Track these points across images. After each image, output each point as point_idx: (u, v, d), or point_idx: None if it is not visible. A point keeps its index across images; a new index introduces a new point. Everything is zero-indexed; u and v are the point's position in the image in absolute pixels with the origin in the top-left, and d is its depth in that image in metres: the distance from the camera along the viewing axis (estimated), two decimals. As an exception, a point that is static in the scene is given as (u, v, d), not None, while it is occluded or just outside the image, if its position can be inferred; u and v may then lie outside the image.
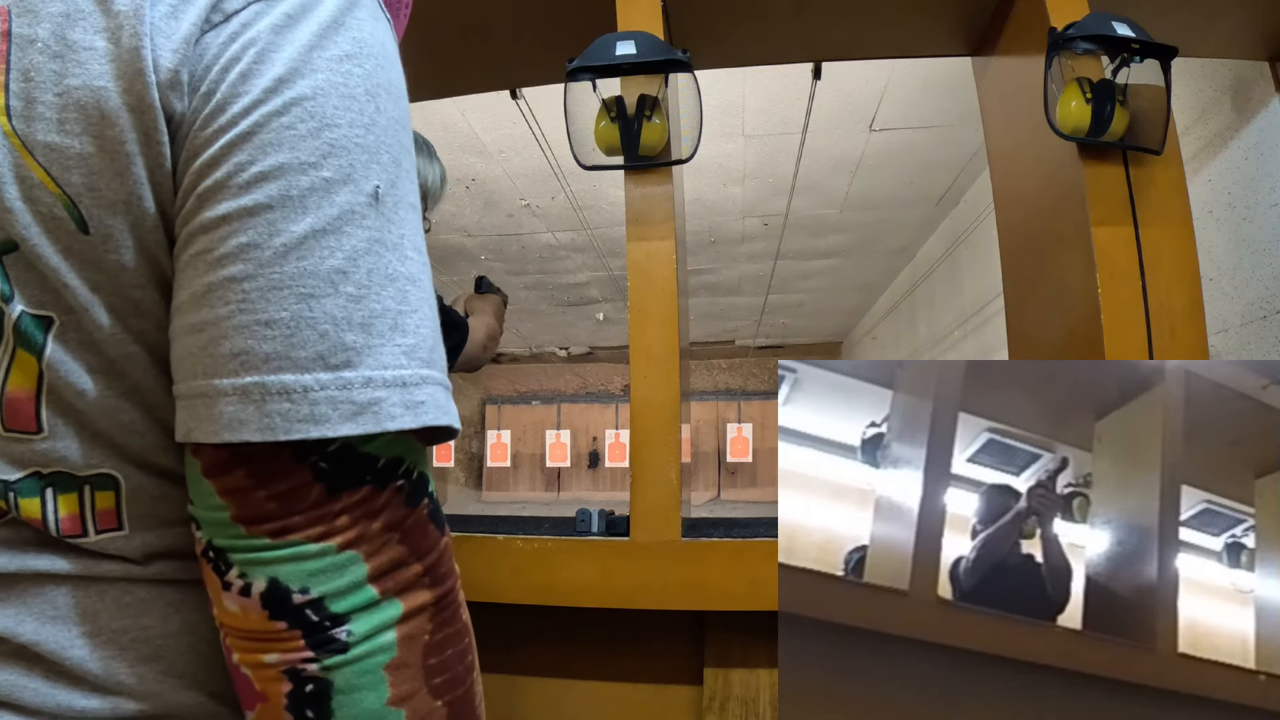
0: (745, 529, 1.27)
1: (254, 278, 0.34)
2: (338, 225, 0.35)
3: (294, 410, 0.34)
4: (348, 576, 0.36)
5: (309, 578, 0.36)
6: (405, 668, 0.37)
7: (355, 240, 0.36)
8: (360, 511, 0.37)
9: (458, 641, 0.41)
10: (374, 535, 0.37)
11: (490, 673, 1.31)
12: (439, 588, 0.40)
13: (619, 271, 5.57)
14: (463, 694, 0.40)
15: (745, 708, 1.20)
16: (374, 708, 0.37)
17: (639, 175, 1.28)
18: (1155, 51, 1.18)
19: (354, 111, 0.37)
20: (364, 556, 0.37)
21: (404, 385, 0.36)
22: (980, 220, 3.91)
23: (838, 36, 1.61)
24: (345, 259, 0.35)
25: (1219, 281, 2.00)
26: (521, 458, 9.35)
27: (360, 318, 0.35)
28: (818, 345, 8.92)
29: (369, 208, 0.36)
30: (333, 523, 0.36)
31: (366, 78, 0.38)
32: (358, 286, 0.35)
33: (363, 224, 0.36)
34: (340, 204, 0.35)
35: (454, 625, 0.41)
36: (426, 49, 1.62)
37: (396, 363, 0.36)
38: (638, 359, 1.22)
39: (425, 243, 0.41)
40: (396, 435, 0.38)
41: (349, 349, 0.35)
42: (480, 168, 3.75)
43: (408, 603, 0.38)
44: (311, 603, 0.36)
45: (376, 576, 0.37)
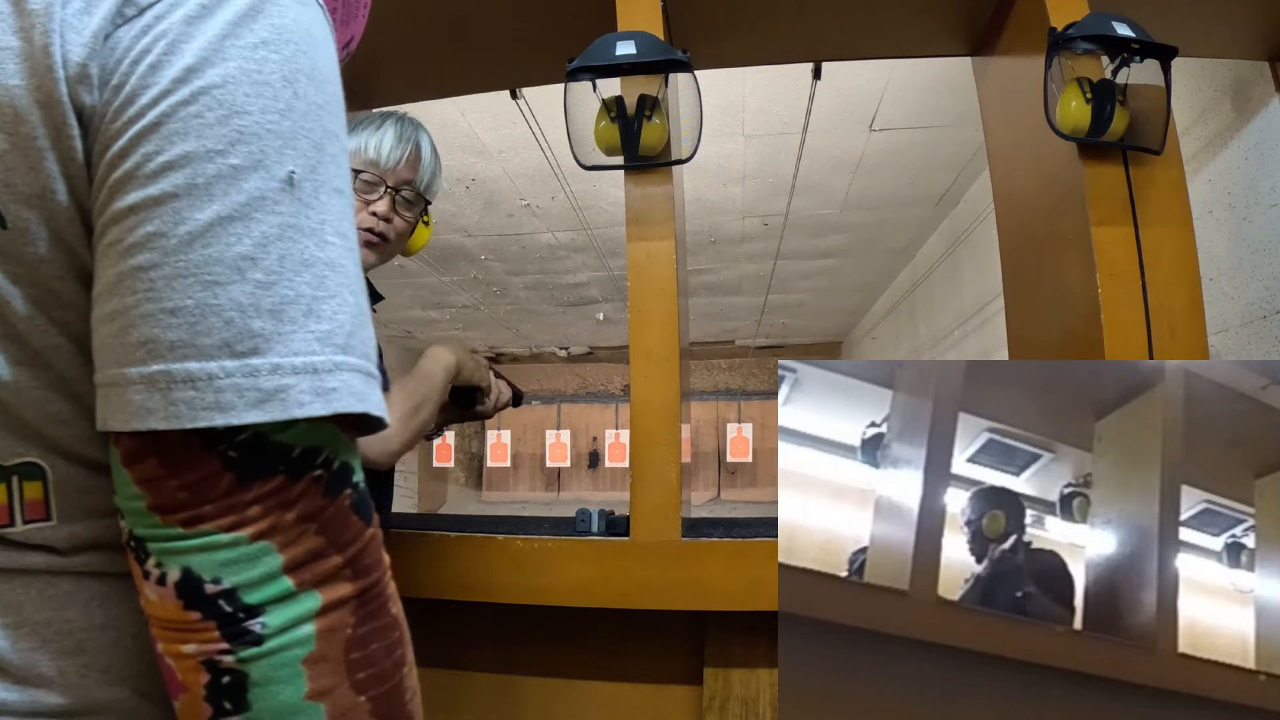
0: (745, 529, 1.27)
1: (159, 266, 0.34)
2: (246, 212, 0.35)
3: (199, 398, 0.34)
4: (261, 567, 0.36)
5: (221, 568, 0.36)
6: (324, 662, 0.37)
7: (265, 226, 0.35)
8: (273, 502, 0.36)
9: (384, 636, 0.40)
10: (288, 526, 0.37)
11: (490, 673, 1.31)
12: (362, 580, 0.40)
13: (619, 271, 5.57)
14: (389, 689, 0.40)
15: (745, 708, 1.20)
16: (291, 701, 0.36)
17: (639, 175, 1.28)
18: (1155, 51, 1.18)
19: (267, 98, 0.36)
20: (278, 547, 0.36)
21: (315, 372, 0.36)
22: (980, 220, 3.91)
23: (838, 36, 1.61)
24: (254, 245, 0.35)
25: (1219, 281, 2.00)
26: (521, 458, 9.35)
27: (270, 304, 0.35)
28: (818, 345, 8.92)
29: (282, 193, 0.36)
30: (244, 513, 0.36)
31: (284, 63, 0.37)
32: (267, 273, 0.35)
33: (274, 210, 0.36)
34: (249, 190, 0.35)
35: (380, 619, 0.40)
36: (427, 49, 1.62)
37: (308, 349, 0.36)
38: (638, 359, 1.22)
39: (353, 227, 0.41)
40: (312, 424, 0.37)
41: (256, 336, 0.35)
42: (480, 168, 3.75)
43: (327, 595, 0.38)
44: (224, 593, 0.36)
45: (292, 568, 0.37)
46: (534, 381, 9.76)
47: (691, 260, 5.28)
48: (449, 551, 1.22)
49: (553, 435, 9.25)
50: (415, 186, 1.13)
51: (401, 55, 1.64)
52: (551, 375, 9.78)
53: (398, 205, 1.11)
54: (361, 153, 1.08)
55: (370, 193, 1.08)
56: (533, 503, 9.23)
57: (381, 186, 1.08)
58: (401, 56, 1.64)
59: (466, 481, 9.60)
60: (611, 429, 9.29)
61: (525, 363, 9.67)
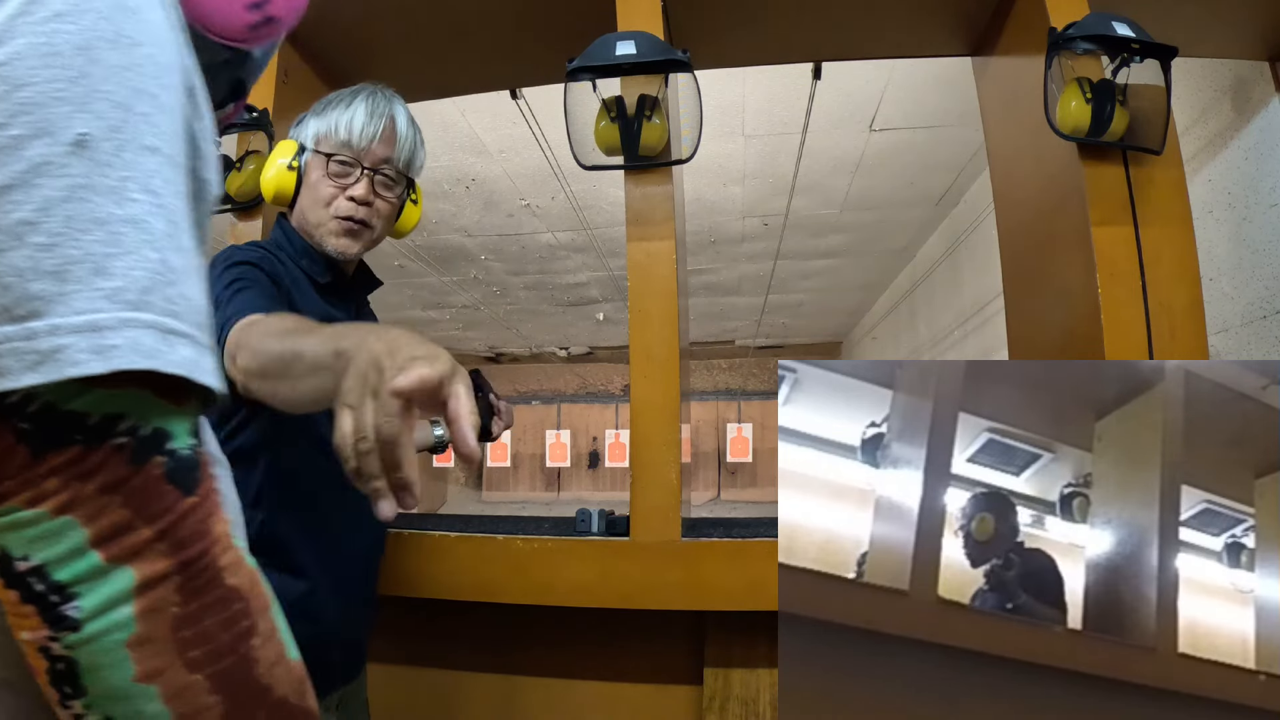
0: (745, 529, 1.27)
1: None
2: (26, 179, 0.35)
3: None
4: (65, 543, 0.35)
5: (29, 544, 0.35)
6: (150, 643, 0.36)
7: (49, 190, 0.35)
8: (71, 473, 0.35)
9: (220, 610, 0.39)
10: (89, 498, 0.36)
11: (490, 673, 1.31)
12: (181, 554, 0.38)
13: (619, 271, 5.57)
14: (232, 664, 0.39)
15: (745, 708, 1.20)
16: (120, 685, 0.36)
17: (639, 175, 1.28)
18: (1155, 51, 1.18)
19: (55, 68, 0.36)
20: (81, 521, 0.35)
21: (96, 329, 0.35)
22: (980, 220, 3.91)
23: (838, 36, 1.61)
24: (35, 210, 0.35)
25: (1219, 281, 2.00)
26: (521, 458, 9.36)
27: (51, 265, 0.34)
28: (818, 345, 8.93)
29: (70, 156, 0.36)
30: (40, 486, 0.35)
31: (79, 33, 0.37)
32: (49, 235, 0.35)
33: (61, 173, 0.35)
34: (30, 158, 0.35)
35: (210, 594, 0.39)
36: (427, 49, 1.62)
37: (92, 307, 0.35)
38: (638, 359, 1.22)
39: (171, 182, 0.40)
40: (111, 389, 0.36)
41: (36, 298, 0.34)
42: (480, 168, 3.75)
43: (141, 571, 0.36)
44: (33, 570, 0.35)
45: (99, 542, 0.36)
46: (534, 381, 9.77)
47: (691, 260, 5.28)
48: (449, 551, 1.22)
49: (553, 435, 9.26)
50: (394, 164, 1.05)
51: (402, 55, 1.64)
52: (551, 375, 9.78)
53: (377, 186, 1.04)
54: (332, 135, 1.02)
55: (346, 176, 1.02)
56: (533, 503, 9.24)
57: (357, 169, 1.02)
58: (402, 56, 1.64)
59: (466, 481, 9.60)
60: (611, 429, 9.29)
61: (525, 363, 9.68)
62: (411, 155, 1.08)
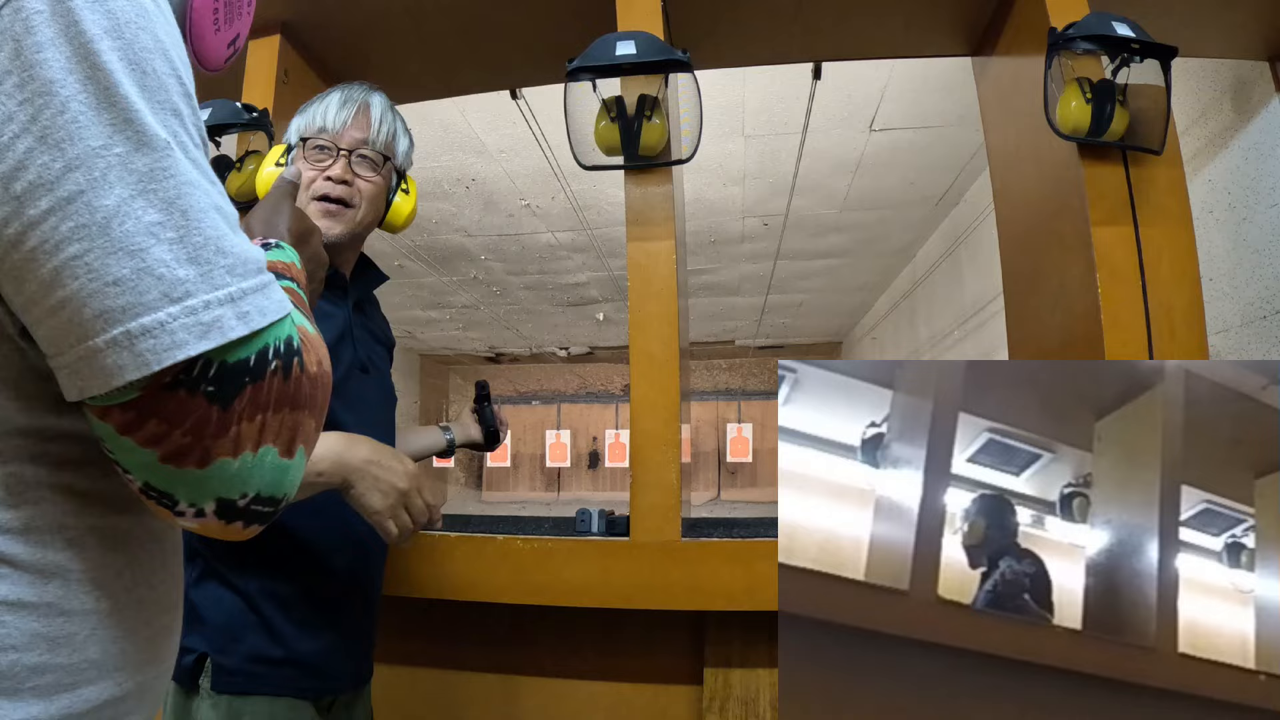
0: (745, 529, 1.27)
1: (90, 251, 0.39)
2: (146, 186, 0.41)
3: (158, 343, 0.40)
4: (270, 468, 0.46)
5: (244, 484, 0.44)
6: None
7: (166, 192, 0.41)
8: (254, 409, 0.44)
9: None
10: (274, 423, 0.45)
11: (490, 673, 1.31)
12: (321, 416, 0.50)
13: (619, 271, 5.57)
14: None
15: (745, 708, 1.20)
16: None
17: (639, 175, 1.28)
18: (1155, 51, 1.18)
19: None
20: (272, 441, 0.46)
21: (233, 300, 0.42)
22: (980, 220, 3.91)
23: (838, 36, 1.61)
24: (160, 212, 0.41)
25: (1219, 281, 2.00)
26: (521, 458, 9.35)
27: (187, 255, 0.41)
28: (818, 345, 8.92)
29: (167, 159, 0.42)
30: (238, 434, 0.43)
31: (128, 43, 0.42)
32: (177, 230, 0.41)
33: (167, 176, 0.41)
34: (139, 169, 0.41)
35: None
36: (427, 49, 1.62)
37: (224, 282, 0.42)
38: (638, 359, 1.22)
39: (210, 170, 0.46)
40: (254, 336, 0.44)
41: (185, 281, 0.41)
42: (480, 168, 3.75)
43: (309, 444, 0.49)
44: (254, 500, 0.45)
45: (289, 450, 0.47)
46: (534, 381, 9.77)
47: (691, 260, 5.28)
48: (449, 551, 1.22)
49: (553, 435, 9.26)
50: (371, 145, 1.08)
51: (402, 56, 1.64)
52: (551, 375, 9.78)
53: (356, 167, 1.07)
54: (311, 125, 1.07)
55: (323, 159, 1.06)
56: (533, 503, 9.23)
57: (334, 150, 1.05)
58: (402, 57, 1.64)
59: (466, 481, 9.60)
60: (611, 429, 9.29)
61: (525, 363, 9.68)
62: (390, 139, 1.11)
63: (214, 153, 1.46)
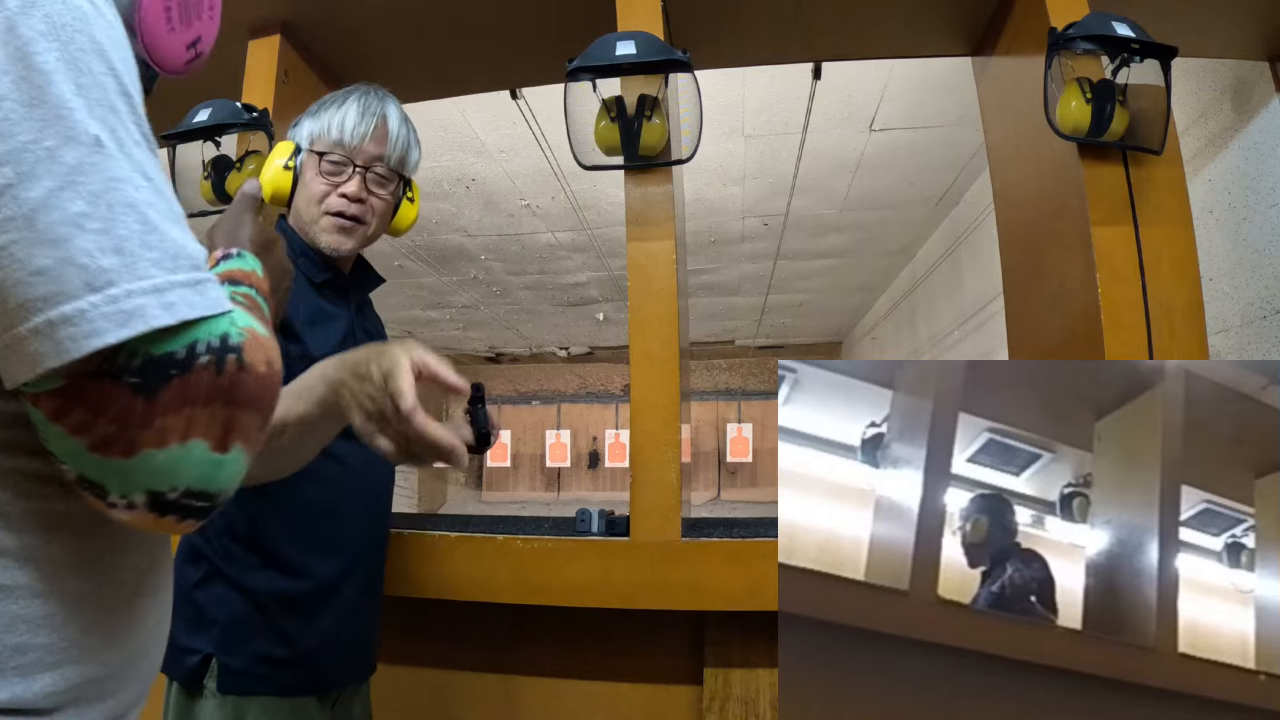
0: (745, 529, 1.27)
1: (16, 242, 0.40)
2: (72, 180, 0.41)
3: (78, 331, 0.40)
4: (198, 462, 0.45)
5: (172, 477, 0.43)
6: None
7: (92, 185, 0.42)
8: (181, 402, 0.44)
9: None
10: (202, 417, 0.45)
11: (490, 673, 1.31)
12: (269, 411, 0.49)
13: (619, 271, 5.56)
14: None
15: (745, 708, 1.20)
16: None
17: (639, 175, 1.28)
18: (1155, 51, 1.18)
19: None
20: (201, 436, 0.45)
21: (159, 290, 0.42)
22: (980, 220, 3.91)
23: (838, 36, 1.61)
24: (86, 203, 0.41)
25: (1219, 281, 2.00)
26: (521, 458, 9.35)
27: (111, 245, 0.42)
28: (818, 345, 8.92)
29: (94, 155, 0.42)
30: (164, 425, 0.43)
31: (61, 47, 0.43)
32: (103, 221, 0.41)
33: (94, 170, 0.42)
34: (68, 162, 0.41)
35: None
36: (427, 49, 1.62)
37: (149, 274, 0.42)
38: (638, 359, 1.22)
39: (154, 166, 0.46)
40: (184, 328, 0.44)
41: (109, 270, 0.41)
42: (480, 168, 3.75)
43: (247, 442, 0.47)
44: (184, 494, 0.44)
45: (222, 445, 0.46)
46: (534, 381, 9.76)
47: (691, 260, 5.28)
48: (449, 551, 1.22)
49: (553, 435, 9.25)
50: (387, 161, 1.06)
51: (402, 56, 1.64)
52: (551, 375, 9.78)
53: (370, 184, 1.05)
54: (325, 134, 1.04)
55: (338, 174, 1.03)
56: (533, 503, 9.23)
57: (349, 167, 1.03)
58: (402, 57, 1.64)
59: (466, 481, 9.60)
60: (611, 429, 9.28)
61: (525, 363, 9.68)
62: (404, 153, 1.09)
63: (214, 153, 1.46)
